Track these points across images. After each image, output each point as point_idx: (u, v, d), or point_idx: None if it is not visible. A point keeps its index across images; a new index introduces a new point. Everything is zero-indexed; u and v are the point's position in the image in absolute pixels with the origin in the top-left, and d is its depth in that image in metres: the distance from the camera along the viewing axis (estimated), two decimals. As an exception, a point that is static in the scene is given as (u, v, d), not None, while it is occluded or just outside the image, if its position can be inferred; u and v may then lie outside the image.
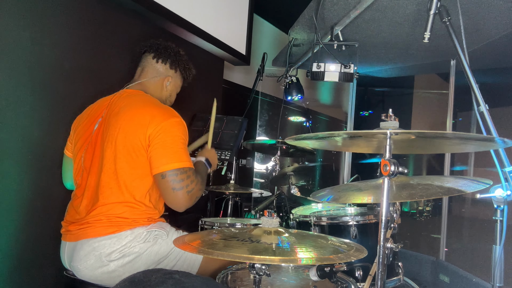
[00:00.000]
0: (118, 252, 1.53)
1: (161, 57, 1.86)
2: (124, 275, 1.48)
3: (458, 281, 2.67)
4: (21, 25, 1.66)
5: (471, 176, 4.33)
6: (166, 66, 1.87)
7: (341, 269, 1.43)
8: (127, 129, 1.60)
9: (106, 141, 1.62)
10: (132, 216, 1.58)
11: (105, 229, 1.55)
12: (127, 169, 1.58)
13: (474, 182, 1.32)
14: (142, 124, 1.59)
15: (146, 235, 1.59)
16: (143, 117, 1.60)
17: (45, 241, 1.79)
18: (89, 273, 1.54)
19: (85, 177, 1.68)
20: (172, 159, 1.57)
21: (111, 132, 1.62)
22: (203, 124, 2.81)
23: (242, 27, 3.30)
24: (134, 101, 1.71)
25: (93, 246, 1.53)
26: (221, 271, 1.57)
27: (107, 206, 1.57)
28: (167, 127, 1.60)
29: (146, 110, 1.64)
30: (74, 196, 1.72)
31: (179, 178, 1.56)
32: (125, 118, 1.62)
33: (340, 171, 4.86)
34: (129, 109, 1.65)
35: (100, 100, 1.80)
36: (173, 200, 1.58)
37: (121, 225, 1.56)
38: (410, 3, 2.19)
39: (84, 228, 1.57)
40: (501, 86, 3.55)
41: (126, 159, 1.58)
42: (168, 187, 1.55)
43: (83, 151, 1.71)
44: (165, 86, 1.89)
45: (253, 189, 2.70)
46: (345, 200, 1.56)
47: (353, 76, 2.48)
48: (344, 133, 1.15)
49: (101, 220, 1.56)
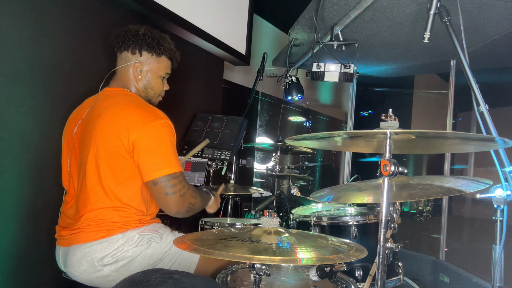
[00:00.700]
0: (111, 256, 1.51)
1: (121, 46, 1.70)
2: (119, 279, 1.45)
3: (458, 281, 2.67)
4: (21, 25, 1.66)
5: (471, 176, 4.33)
6: (128, 53, 1.69)
7: (341, 269, 1.43)
8: (108, 133, 1.53)
9: (88, 145, 1.56)
10: (122, 220, 1.55)
11: (95, 234, 1.52)
12: (110, 174, 1.53)
13: (474, 182, 1.32)
14: (123, 127, 1.51)
15: (138, 238, 1.56)
16: (125, 120, 1.53)
17: (44, 241, 1.79)
18: (84, 277, 1.53)
19: (71, 182, 1.65)
20: (162, 164, 1.52)
21: (93, 135, 1.55)
22: (203, 124, 2.82)
23: (242, 27, 3.30)
24: (116, 102, 1.62)
25: (84, 251, 1.51)
26: (220, 271, 1.57)
27: (95, 212, 1.54)
28: (151, 131, 1.53)
29: (127, 112, 1.56)
30: (64, 201, 1.68)
31: (171, 184, 1.52)
32: (106, 121, 1.55)
33: (340, 171, 4.86)
34: (111, 111, 1.57)
35: (85, 101, 1.74)
36: (167, 205, 1.55)
37: (111, 229, 1.53)
38: (410, 3, 2.19)
39: (75, 233, 1.54)
40: (501, 86, 3.55)
41: (108, 164, 1.53)
42: (161, 193, 1.52)
43: (68, 155, 1.67)
44: (137, 74, 1.71)
45: (253, 189, 2.70)
46: (345, 200, 1.56)
47: (353, 76, 2.48)
48: (344, 133, 1.15)
49: (90, 225, 1.53)
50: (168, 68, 1.80)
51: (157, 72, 1.74)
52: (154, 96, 1.79)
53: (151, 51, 1.71)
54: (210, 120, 2.83)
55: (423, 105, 5.39)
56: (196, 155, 2.59)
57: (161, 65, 1.75)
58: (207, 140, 2.33)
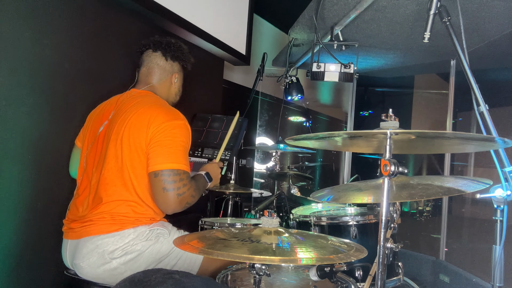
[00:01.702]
0: (121, 250, 1.53)
1: (167, 55, 1.86)
2: (126, 272, 1.49)
3: (458, 281, 2.67)
4: (22, 26, 1.66)
5: (471, 175, 4.33)
6: (172, 63, 1.89)
7: (341, 269, 1.43)
8: (132, 128, 1.61)
9: (112, 139, 1.63)
10: (135, 215, 1.59)
11: (108, 227, 1.55)
12: (131, 167, 1.59)
13: (474, 182, 1.32)
14: (145, 123, 1.60)
15: (148, 233, 1.59)
16: (147, 117, 1.62)
17: (45, 241, 1.79)
18: (91, 270, 1.54)
19: (86, 176, 1.69)
20: (168, 159, 1.56)
21: (117, 130, 1.63)
22: (203, 124, 2.82)
23: (242, 27, 3.30)
24: (142, 101, 1.72)
25: (96, 243, 1.53)
26: (221, 271, 1.57)
27: (111, 204, 1.57)
28: (168, 128, 1.60)
29: (151, 110, 1.65)
30: (76, 194, 1.73)
31: (171, 179, 1.54)
32: (131, 117, 1.64)
33: (340, 171, 4.86)
34: (137, 108, 1.67)
35: (111, 99, 1.82)
36: (162, 201, 1.56)
37: (124, 223, 1.56)
38: (410, 3, 2.19)
39: (87, 225, 1.57)
40: (501, 86, 3.55)
41: (130, 158, 1.59)
42: (159, 186, 1.55)
43: (86, 151, 1.73)
44: (174, 83, 1.91)
45: (253, 189, 2.70)
46: (345, 200, 1.56)
47: (353, 76, 2.48)
48: (344, 133, 1.15)
49: (104, 218, 1.56)
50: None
51: (181, 80, 1.98)
52: (176, 100, 1.99)
53: (185, 64, 1.94)
54: (210, 120, 2.82)
55: (423, 105, 5.40)
56: (196, 155, 2.59)
57: (183, 74, 1.98)
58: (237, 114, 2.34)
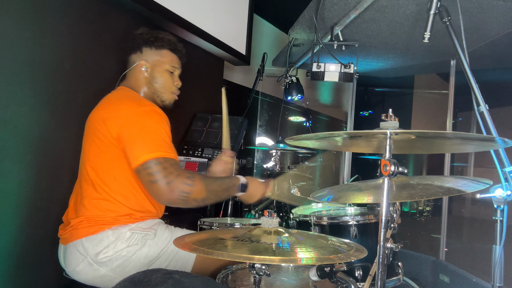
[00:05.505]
0: (103, 254, 1.50)
1: (130, 49, 1.76)
2: (115, 279, 1.44)
3: (458, 281, 2.67)
4: (21, 25, 1.66)
5: (471, 175, 4.33)
6: (135, 53, 1.74)
7: (341, 269, 1.43)
8: (95, 128, 1.57)
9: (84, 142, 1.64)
10: (112, 214, 1.55)
11: (86, 230, 1.53)
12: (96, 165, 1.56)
13: (474, 182, 1.31)
14: (105, 119, 1.54)
15: (130, 236, 1.55)
16: (108, 113, 1.56)
17: (45, 241, 1.79)
18: (83, 276, 1.54)
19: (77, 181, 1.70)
20: (142, 151, 1.46)
21: (87, 132, 1.63)
22: (203, 124, 2.82)
23: (242, 27, 3.30)
24: (108, 97, 1.68)
25: (78, 249, 1.52)
26: (220, 271, 1.56)
27: (88, 207, 1.56)
28: (132, 118, 1.52)
29: (114, 104, 1.60)
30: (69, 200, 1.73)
31: (154, 170, 1.44)
32: (94, 115, 1.62)
33: (340, 171, 4.86)
34: (100, 105, 1.64)
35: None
36: (154, 193, 1.49)
37: (101, 224, 1.53)
38: (410, 3, 2.19)
39: (70, 231, 1.57)
40: (501, 85, 3.55)
41: (95, 154, 1.57)
42: (146, 181, 1.47)
43: None
44: (143, 72, 1.72)
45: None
46: (345, 200, 1.56)
47: (353, 76, 2.48)
48: (344, 133, 1.15)
49: (82, 221, 1.55)
50: (174, 62, 1.79)
51: (161, 65, 1.74)
52: (164, 91, 1.77)
53: (150, 45, 1.72)
54: (210, 120, 2.83)
55: (423, 105, 5.40)
56: (196, 155, 2.59)
57: (164, 58, 1.75)
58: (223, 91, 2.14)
